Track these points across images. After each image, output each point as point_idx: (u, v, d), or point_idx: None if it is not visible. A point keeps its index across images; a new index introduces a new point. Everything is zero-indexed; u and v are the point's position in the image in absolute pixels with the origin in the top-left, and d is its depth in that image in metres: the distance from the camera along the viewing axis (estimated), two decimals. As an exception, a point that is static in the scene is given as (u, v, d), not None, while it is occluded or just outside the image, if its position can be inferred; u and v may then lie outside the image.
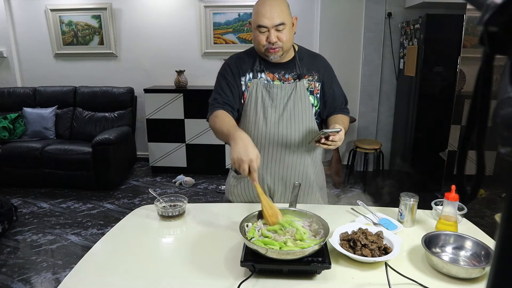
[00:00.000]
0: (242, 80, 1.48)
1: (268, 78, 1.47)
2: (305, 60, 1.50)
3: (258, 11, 1.36)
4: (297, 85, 1.45)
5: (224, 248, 1.17)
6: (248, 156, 1.16)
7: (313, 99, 1.49)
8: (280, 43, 1.37)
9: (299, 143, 1.47)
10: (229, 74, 1.48)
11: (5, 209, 2.94)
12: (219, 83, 1.50)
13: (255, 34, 1.40)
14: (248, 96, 1.47)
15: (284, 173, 1.51)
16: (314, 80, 1.49)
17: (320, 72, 1.50)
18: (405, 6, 4.01)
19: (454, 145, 3.41)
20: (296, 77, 1.47)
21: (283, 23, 1.36)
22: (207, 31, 4.34)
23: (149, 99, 4.16)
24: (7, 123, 4.05)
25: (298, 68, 1.47)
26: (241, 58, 1.51)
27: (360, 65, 4.21)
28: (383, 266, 1.02)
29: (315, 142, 1.34)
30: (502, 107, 0.35)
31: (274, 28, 1.35)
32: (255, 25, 1.37)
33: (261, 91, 1.45)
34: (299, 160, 1.50)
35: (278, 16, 1.35)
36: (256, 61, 1.48)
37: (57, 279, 2.37)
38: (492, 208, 2.79)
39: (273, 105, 1.45)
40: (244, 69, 1.48)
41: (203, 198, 3.71)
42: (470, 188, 0.43)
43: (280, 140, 1.46)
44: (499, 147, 0.36)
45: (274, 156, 1.48)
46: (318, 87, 1.50)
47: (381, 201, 1.55)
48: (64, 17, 4.45)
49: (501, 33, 0.34)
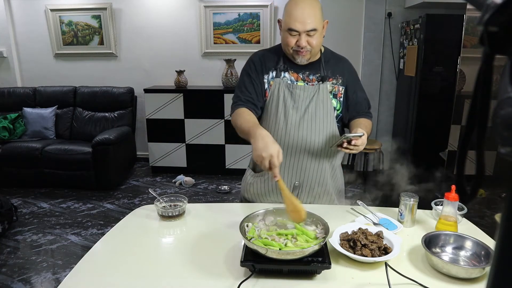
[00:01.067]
0: (265, 78, 1.45)
1: (292, 78, 1.44)
2: (330, 63, 1.47)
3: (291, 13, 1.32)
4: (320, 87, 1.43)
5: (224, 248, 1.17)
6: (268, 152, 1.14)
7: (335, 102, 1.46)
8: (309, 47, 1.35)
9: (319, 146, 1.44)
10: (253, 71, 1.46)
11: (5, 209, 2.94)
12: (242, 80, 1.47)
13: (284, 35, 1.37)
14: (270, 95, 1.44)
15: (301, 176, 1.48)
16: (338, 83, 1.47)
17: (344, 76, 1.47)
18: (405, 6, 4.01)
19: (454, 145, 3.41)
20: (320, 79, 1.44)
21: (315, 28, 1.32)
22: (207, 31, 4.34)
23: (149, 99, 4.16)
24: (7, 123, 4.05)
25: (323, 70, 1.45)
26: (266, 55, 1.48)
27: (360, 65, 4.21)
28: (383, 266, 1.02)
29: (336, 146, 1.32)
30: (502, 107, 0.35)
31: (305, 32, 1.32)
32: (286, 27, 1.34)
33: (284, 91, 1.42)
34: (317, 164, 1.47)
35: (311, 22, 1.31)
36: (281, 59, 1.45)
37: (57, 279, 2.37)
38: (492, 208, 2.79)
39: (294, 106, 1.42)
40: (268, 67, 1.45)
41: (203, 198, 3.71)
42: (470, 188, 0.43)
43: (300, 143, 1.43)
44: (499, 147, 0.36)
45: (292, 158, 1.45)
46: (341, 91, 1.47)
47: (381, 201, 1.55)
48: (64, 17, 4.45)
49: (501, 33, 0.34)
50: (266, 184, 1.50)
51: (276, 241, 1.09)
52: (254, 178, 1.54)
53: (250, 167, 1.60)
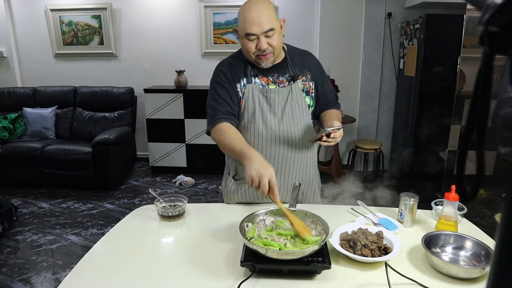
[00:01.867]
0: (238, 87, 1.43)
1: (263, 82, 1.43)
2: (296, 60, 1.47)
3: (245, 18, 1.30)
4: (292, 87, 1.43)
5: (224, 248, 1.17)
6: (269, 172, 1.13)
7: (309, 99, 1.48)
8: (270, 49, 1.34)
9: (300, 144, 1.46)
10: (225, 82, 1.43)
11: (5, 209, 2.94)
12: (216, 91, 1.43)
13: (243, 42, 1.34)
14: (245, 102, 1.42)
15: (287, 176, 1.49)
16: (308, 79, 1.48)
17: (312, 71, 1.49)
18: (405, 6, 4.01)
19: (454, 145, 3.41)
20: (290, 78, 1.45)
21: (273, 28, 1.30)
22: (207, 31, 4.34)
23: (149, 99, 4.16)
24: (7, 123, 4.05)
25: (291, 69, 1.45)
26: (232, 63, 1.46)
27: (360, 65, 4.21)
28: (383, 266, 1.02)
29: (315, 140, 1.32)
30: (502, 107, 0.35)
31: (263, 34, 1.30)
32: (243, 33, 1.32)
33: (258, 96, 1.41)
34: (300, 161, 1.49)
35: (267, 22, 1.29)
36: (248, 65, 1.43)
37: (57, 279, 2.37)
38: (492, 208, 2.79)
39: (271, 110, 1.42)
40: (237, 75, 1.43)
41: (203, 198, 3.71)
42: (470, 188, 0.43)
43: (281, 144, 1.44)
44: (499, 147, 0.36)
45: (276, 160, 1.46)
46: (312, 86, 1.49)
47: (381, 201, 1.55)
48: (64, 17, 4.45)
49: (501, 33, 0.34)
50: (251, 191, 1.49)
51: (276, 241, 1.08)
52: (236, 186, 1.52)
53: (230, 175, 1.57)
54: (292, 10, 4.24)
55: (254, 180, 1.14)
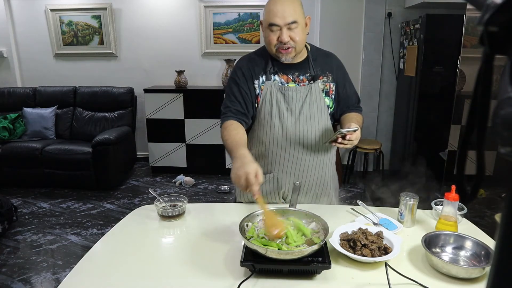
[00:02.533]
0: (256, 84, 1.43)
1: (282, 80, 1.42)
2: (318, 60, 1.46)
3: (270, 9, 1.32)
4: (312, 87, 1.42)
5: (224, 248, 1.17)
6: (244, 170, 1.12)
7: (328, 100, 1.46)
8: (292, 43, 1.33)
9: (316, 145, 1.44)
10: (241, 79, 1.43)
11: (5, 209, 2.94)
12: (231, 89, 1.44)
13: (266, 33, 1.36)
14: (262, 100, 1.42)
15: (303, 176, 1.47)
16: (329, 81, 1.46)
17: (333, 72, 1.47)
18: (405, 6, 4.01)
19: (454, 145, 3.40)
20: (310, 78, 1.43)
21: (296, 21, 1.32)
22: (207, 31, 4.34)
23: (149, 99, 4.16)
24: (7, 123, 4.05)
25: (312, 69, 1.43)
26: (253, 59, 1.46)
27: (360, 65, 4.21)
28: (383, 266, 1.02)
29: (331, 142, 1.32)
30: (502, 107, 0.35)
31: (286, 26, 1.31)
32: (267, 23, 1.33)
33: (276, 94, 1.40)
34: (316, 162, 1.47)
35: (291, 15, 1.31)
36: (269, 62, 1.43)
37: (57, 279, 2.37)
38: (492, 208, 2.79)
39: (288, 108, 1.40)
40: (256, 72, 1.43)
41: (203, 198, 3.71)
42: (470, 188, 0.43)
43: (297, 144, 1.42)
44: (499, 147, 0.36)
45: (291, 159, 1.44)
46: (333, 87, 1.47)
47: (381, 201, 1.55)
48: (64, 17, 4.45)
49: (501, 33, 0.34)
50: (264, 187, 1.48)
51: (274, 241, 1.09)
52: None
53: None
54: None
55: (234, 182, 1.16)
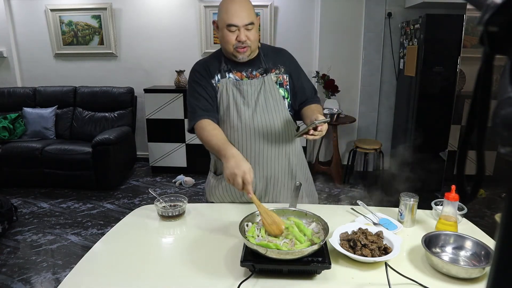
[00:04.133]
0: (213, 82, 1.48)
1: (237, 77, 1.47)
2: (269, 55, 1.51)
3: (228, 9, 1.36)
4: (265, 79, 1.46)
5: (224, 248, 1.17)
6: (241, 169, 1.20)
7: (283, 91, 1.50)
8: (249, 42, 1.39)
9: (277, 137, 1.47)
10: (201, 79, 1.48)
11: (5, 209, 2.94)
12: (194, 89, 1.48)
13: (223, 33, 1.39)
14: (219, 96, 1.47)
15: (267, 168, 1.49)
16: (281, 72, 1.51)
17: (286, 65, 1.52)
18: (405, 6, 4.01)
19: (454, 145, 3.41)
20: (263, 72, 1.48)
21: (252, 22, 1.38)
22: (207, 31, 4.34)
23: (149, 99, 4.16)
24: (7, 123, 4.05)
25: (264, 63, 1.48)
26: (207, 62, 1.51)
27: (360, 65, 4.21)
28: (383, 266, 1.02)
29: (302, 134, 1.33)
30: (502, 107, 0.35)
31: (244, 27, 1.36)
32: (225, 24, 1.37)
33: (232, 89, 1.45)
34: (279, 152, 1.49)
35: (248, 16, 1.36)
36: (222, 62, 1.48)
37: (57, 279, 2.37)
38: (492, 208, 2.79)
39: (245, 102, 1.45)
40: (212, 72, 1.48)
41: (203, 198, 3.70)
42: (470, 188, 0.43)
43: (258, 135, 1.45)
44: (499, 147, 0.36)
45: (253, 152, 1.47)
46: (286, 79, 1.51)
47: (381, 201, 1.55)
48: (64, 17, 4.45)
49: (501, 33, 0.34)
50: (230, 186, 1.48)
51: (274, 242, 1.08)
52: (217, 181, 1.56)
53: (211, 171, 1.63)
54: (292, 10, 4.24)
55: (229, 179, 1.23)
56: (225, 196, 1.55)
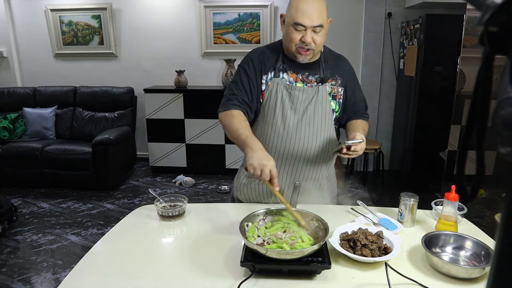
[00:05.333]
0: (263, 79, 1.41)
1: (291, 79, 1.40)
2: (329, 63, 1.44)
3: (298, 7, 1.28)
4: (319, 89, 1.39)
5: (224, 248, 1.17)
6: (270, 161, 1.17)
7: (334, 104, 1.43)
8: (313, 45, 1.31)
9: (316, 150, 1.41)
10: (251, 71, 1.40)
11: (5, 209, 2.94)
12: (240, 77, 1.41)
13: (288, 30, 1.31)
14: (268, 96, 1.39)
15: (297, 177, 1.45)
16: (337, 84, 1.43)
17: (344, 77, 1.45)
18: (405, 6, 4.01)
19: (454, 145, 3.41)
20: (319, 80, 1.41)
21: (322, 25, 1.30)
22: (207, 31, 4.34)
23: (149, 99, 4.16)
24: (7, 123, 4.05)
25: (322, 71, 1.41)
26: (265, 53, 1.42)
27: (360, 65, 4.21)
28: (383, 266, 1.02)
29: (335, 152, 1.30)
30: (502, 107, 0.35)
31: (311, 28, 1.29)
32: (292, 21, 1.29)
33: (282, 91, 1.37)
34: (313, 168, 1.44)
35: (318, 17, 1.28)
36: (279, 59, 1.40)
37: (57, 279, 2.37)
38: (492, 208, 2.79)
39: (292, 107, 1.37)
40: (266, 67, 1.40)
41: (203, 198, 3.71)
42: (470, 188, 0.43)
43: (297, 145, 1.40)
44: (499, 147, 0.36)
45: (290, 159, 1.42)
46: (341, 92, 1.44)
47: (381, 201, 1.55)
48: (64, 17, 4.45)
49: (501, 33, 0.34)
50: (261, 186, 1.48)
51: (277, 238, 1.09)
52: (248, 179, 1.51)
53: (243, 167, 1.56)
54: (292, 10, 4.23)
55: (256, 169, 1.17)
56: (252, 195, 1.51)
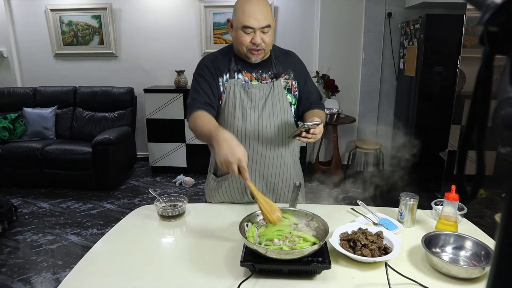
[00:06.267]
0: (220, 81, 1.44)
1: (246, 78, 1.44)
2: (280, 59, 1.49)
3: (244, 10, 1.33)
4: (274, 84, 1.44)
5: (224, 248, 1.17)
6: (236, 156, 1.11)
7: (291, 97, 1.49)
8: (263, 45, 1.36)
9: (279, 141, 1.46)
10: (208, 75, 1.44)
11: (5, 209, 2.94)
12: (197, 83, 1.44)
13: (238, 34, 1.36)
14: (226, 97, 1.43)
15: (265, 173, 1.49)
16: (291, 78, 1.49)
17: (295, 70, 1.50)
18: (405, 6, 4.01)
19: (454, 145, 3.41)
20: (273, 76, 1.46)
21: (269, 25, 1.34)
22: (207, 31, 4.34)
23: (149, 99, 4.16)
24: (7, 123, 4.05)
25: (275, 67, 1.46)
26: (217, 58, 1.47)
27: (360, 65, 4.21)
28: (383, 266, 1.02)
29: (294, 136, 1.32)
30: (502, 107, 0.35)
31: (260, 29, 1.33)
32: (240, 25, 1.33)
33: (239, 91, 1.42)
34: (279, 158, 1.49)
35: (265, 18, 1.32)
36: (232, 61, 1.45)
37: (57, 279, 2.37)
38: (492, 208, 2.79)
39: (252, 105, 1.42)
40: (221, 70, 1.44)
41: (203, 198, 3.70)
42: (470, 188, 0.43)
43: (260, 140, 1.44)
44: (499, 147, 0.36)
45: (254, 156, 1.46)
46: (295, 85, 1.50)
47: (381, 201, 1.55)
48: (64, 17, 4.45)
49: (501, 33, 0.34)
50: (232, 187, 1.50)
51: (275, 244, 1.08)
52: (217, 183, 1.53)
53: (211, 172, 1.60)
54: (292, 10, 4.24)
55: (223, 166, 1.13)
56: (225, 198, 1.54)
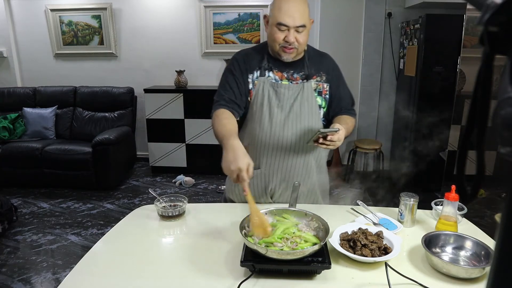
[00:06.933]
0: (250, 78, 1.44)
1: (276, 77, 1.43)
2: (313, 60, 1.47)
3: (281, 7, 1.31)
4: (304, 85, 1.42)
5: (224, 248, 1.17)
6: (237, 165, 1.11)
7: (321, 100, 1.46)
8: (296, 44, 1.34)
9: (304, 145, 1.44)
10: (237, 71, 1.43)
11: (5, 209, 2.94)
12: (226, 79, 1.45)
13: (272, 30, 1.34)
14: (255, 95, 1.42)
15: (287, 174, 1.47)
16: (322, 81, 1.46)
17: (328, 73, 1.47)
18: (405, 6, 4.01)
19: (454, 145, 3.41)
20: (304, 77, 1.44)
21: (305, 25, 1.32)
22: (207, 31, 4.34)
23: (149, 99, 4.16)
24: (7, 123, 4.05)
25: (307, 68, 1.44)
26: (249, 54, 1.47)
27: (360, 65, 4.21)
28: (383, 266, 1.02)
29: (313, 142, 1.31)
30: (502, 107, 0.35)
31: (294, 28, 1.31)
32: (275, 21, 1.32)
33: (268, 90, 1.41)
34: (303, 161, 1.47)
35: (301, 17, 1.31)
36: (264, 58, 1.44)
37: (57, 279, 2.37)
38: (492, 208, 2.79)
39: (279, 105, 1.40)
40: (252, 66, 1.44)
41: (203, 198, 3.71)
42: (470, 188, 0.43)
43: (285, 141, 1.42)
44: (499, 147, 0.36)
45: (278, 156, 1.44)
46: (326, 88, 1.47)
47: (381, 201, 1.55)
48: (64, 17, 4.45)
49: (501, 33, 0.34)
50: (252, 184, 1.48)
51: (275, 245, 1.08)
52: None
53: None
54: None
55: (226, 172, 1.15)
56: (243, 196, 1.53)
